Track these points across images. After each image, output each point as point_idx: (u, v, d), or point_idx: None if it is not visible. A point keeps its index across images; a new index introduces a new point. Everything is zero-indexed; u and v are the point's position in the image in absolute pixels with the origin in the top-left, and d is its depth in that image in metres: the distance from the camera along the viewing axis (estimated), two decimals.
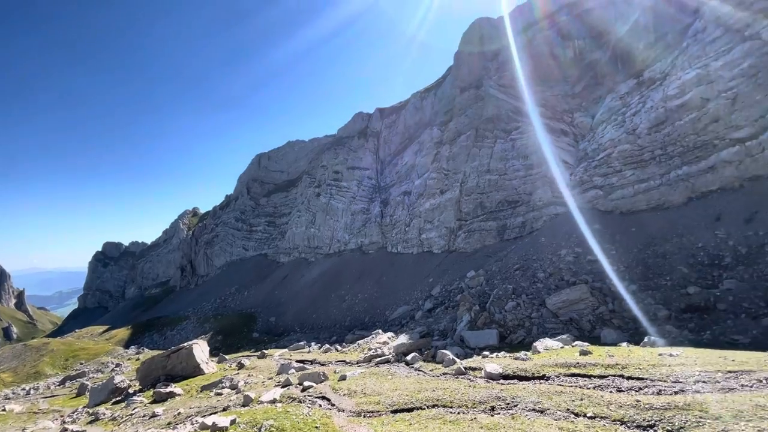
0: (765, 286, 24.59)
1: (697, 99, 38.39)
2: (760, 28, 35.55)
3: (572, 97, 54.35)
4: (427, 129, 70.49)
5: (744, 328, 21.19)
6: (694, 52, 40.20)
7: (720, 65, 37.43)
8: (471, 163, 56.62)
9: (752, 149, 33.71)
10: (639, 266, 32.16)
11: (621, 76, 48.65)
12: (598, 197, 43.53)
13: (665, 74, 42.58)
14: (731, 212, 32.26)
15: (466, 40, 70.99)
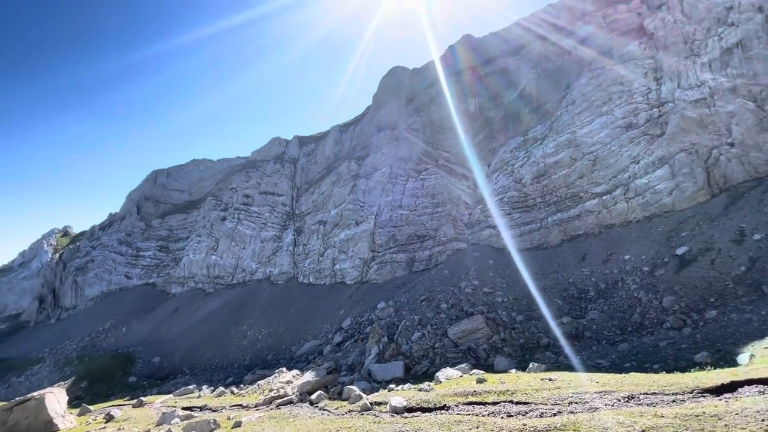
0: (619, 316, 29.76)
1: (567, 158, 46.51)
2: (614, 106, 45.27)
3: (473, 146, 61.19)
4: (345, 161, 71.88)
5: (605, 353, 25.10)
6: (566, 120, 49.11)
7: (584, 132, 46.25)
8: (385, 198, 58.94)
9: (607, 203, 41.66)
10: (525, 298, 36.30)
11: (511, 133, 56.70)
12: (492, 236, 48.66)
13: (545, 135, 50.93)
14: (594, 253, 38.87)
15: (385, 85, 75.98)
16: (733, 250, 29.13)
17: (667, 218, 36.78)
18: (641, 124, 42.24)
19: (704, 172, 36.37)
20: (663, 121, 40.60)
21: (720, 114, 37.39)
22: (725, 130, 36.79)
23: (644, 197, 39.00)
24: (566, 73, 53.53)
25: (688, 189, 36.46)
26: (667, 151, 38.69)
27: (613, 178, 42.22)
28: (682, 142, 38.11)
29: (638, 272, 33.03)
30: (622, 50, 47.55)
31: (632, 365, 21.60)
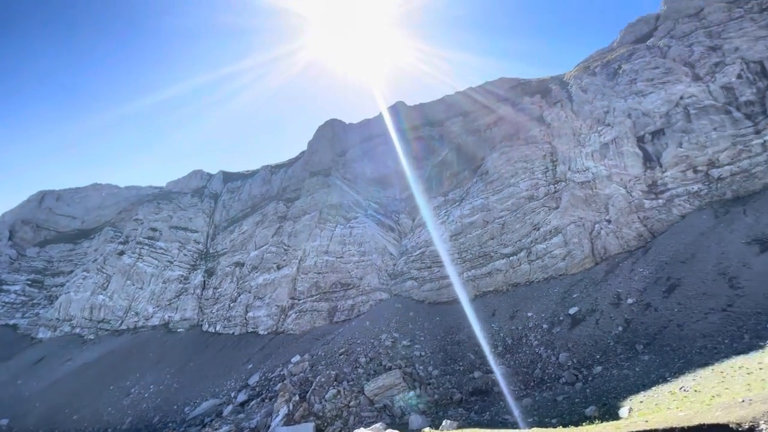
0: (523, 371, 31.82)
1: (481, 221, 51.19)
2: (519, 179, 51.79)
3: (400, 201, 64.39)
4: (273, 202, 69.85)
5: (511, 409, 26.30)
6: (480, 187, 54.72)
7: (495, 199, 51.76)
8: (312, 243, 57.79)
9: (513, 263, 46.04)
10: (441, 352, 37.12)
11: (434, 193, 61.19)
12: (413, 287, 50.01)
13: (462, 198, 55.86)
14: (502, 309, 41.89)
15: (320, 134, 78.05)
16: (613, 312, 33.81)
17: (562, 280, 41.71)
18: (541, 197, 48.86)
19: (589, 243, 42.68)
20: (558, 196, 47.51)
21: (600, 195, 45.10)
22: (604, 209, 44.23)
23: (543, 261, 44.04)
24: (482, 145, 60.72)
25: (578, 256, 42.22)
26: (561, 222, 44.90)
27: (518, 242, 47.24)
28: (572, 216, 44.69)
29: (539, 329, 36.23)
30: (527, 134, 55.88)
31: (534, 420, 22.91)
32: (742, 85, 44.31)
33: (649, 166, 44.77)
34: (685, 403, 18.50)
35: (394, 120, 73.06)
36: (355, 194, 65.30)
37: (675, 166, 42.96)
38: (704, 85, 46.49)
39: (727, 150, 40.99)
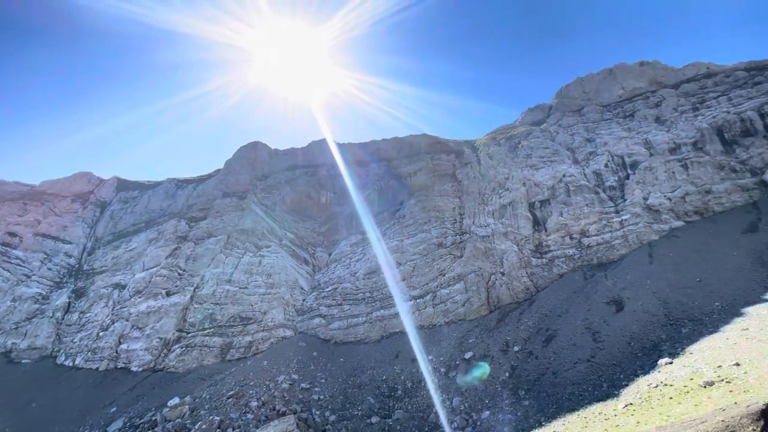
0: (419, 416, 32.22)
1: (394, 261, 52.90)
2: (431, 227, 55.31)
3: (318, 233, 63.57)
4: (174, 219, 63.08)
5: None
6: (396, 229, 57.08)
7: (409, 242, 54.27)
8: (213, 269, 52.93)
9: (420, 305, 47.89)
10: (341, 396, 35.89)
11: (353, 230, 61.91)
12: (321, 325, 48.45)
13: (379, 238, 57.48)
14: (406, 352, 42.63)
15: (242, 154, 74.64)
16: (501, 358, 36.81)
17: (461, 326, 44.46)
18: (449, 245, 52.71)
19: (486, 292, 46.73)
20: (462, 246, 51.78)
21: (497, 250, 50.35)
22: (499, 262, 49.29)
23: (446, 305, 46.71)
24: (402, 191, 64.22)
25: (475, 303, 45.75)
26: (463, 270, 48.65)
27: (426, 285, 49.65)
28: (473, 265, 48.83)
29: (437, 373, 37.55)
30: (441, 186, 60.87)
31: None
32: (608, 173, 55.04)
33: (537, 229, 51.81)
34: None
35: (324, 154, 73.65)
36: (272, 222, 62.70)
37: (556, 231, 50.42)
38: (581, 168, 56.63)
39: (594, 223, 49.68)
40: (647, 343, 30.02)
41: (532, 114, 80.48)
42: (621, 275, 41.78)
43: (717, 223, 45.06)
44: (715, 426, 15.04)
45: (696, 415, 17.04)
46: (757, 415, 14.72)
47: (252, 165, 72.90)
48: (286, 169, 72.66)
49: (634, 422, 19.88)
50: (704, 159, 51.46)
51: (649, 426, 18.47)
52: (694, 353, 25.49)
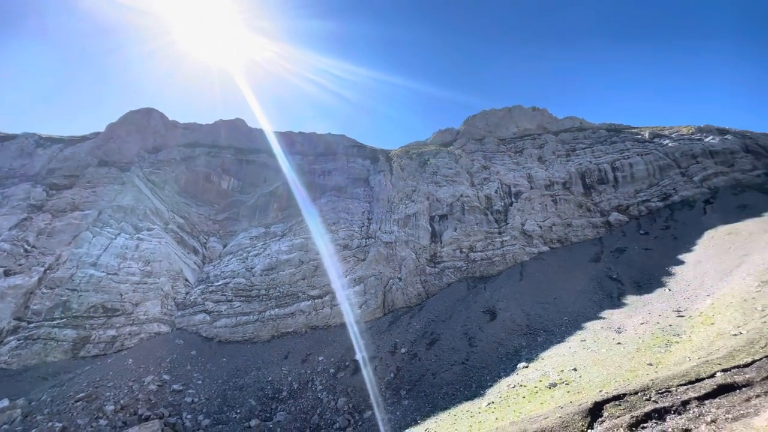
0: (303, 417, 31.65)
1: (297, 259, 51.52)
2: (339, 228, 55.25)
3: (214, 221, 58.39)
4: (27, 183, 51.27)
5: None
6: (304, 227, 55.76)
7: (315, 242, 53.43)
8: (75, 249, 44.39)
9: (317, 306, 47.37)
10: (218, 398, 33.30)
11: (256, 222, 58.53)
12: (204, 322, 44.39)
13: (284, 233, 55.40)
14: (296, 352, 41.63)
15: (130, 120, 64.73)
16: (389, 359, 38.52)
17: (356, 327, 45.29)
18: (354, 248, 53.48)
19: (382, 295, 48.56)
20: (366, 250, 53.07)
21: (397, 256, 52.84)
22: (398, 268, 51.77)
23: (344, 306, 47.15)
24: (315, 188, 63.13)
25: (372, 305, 47.17)
26: (364, 273, 49.83)
27: (326, 286, 49.44)
28: (374, 269, 50.37)
29: (326, 374, 37.52)
30: (353, 189, 61.61)
31: None
32: (497, 198, 62.36)
33: (434, 241, 55.95)
34: None
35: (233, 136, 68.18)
36: (158, 202, 55.47)
37: (450, 244, 55.15)
38: (476, 191, 63.11)
39: (481, 241, 55.71)
40: (511, 349, 34.63)
41: (442, 135, 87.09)
42: (497, 288, 47.56)
43: (572, 251, 54.57)
44: (554, 421, 18.05)
45: (541, 412, 20.21)
46: (585, 412, 18.13)
47: (142, 134, 63.70)
48: (184, 145, 65.28)
49: (493, 419, 22.71)
50: (569, 197, 62.03)
51: (504, 422, 21.30)
52: (545, 359, 30.29)
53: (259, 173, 65.90)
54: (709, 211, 53.04)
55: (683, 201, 58.55)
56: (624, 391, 19.35)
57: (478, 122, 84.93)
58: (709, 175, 61.60)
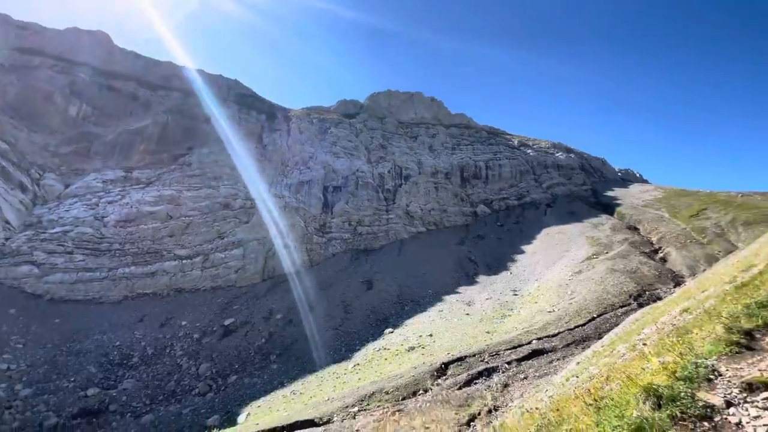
0: (156, 384, 29.03)
1: (165, 213, 45.52)
2: (221, 184, 50.45)
3: (53, 154, 47.08)
4: None
5: (126, 428, 23.03)
6: (177, 177, 49.21)
7: (190, 196, 47.87)
8: None
9: (186, 267, 43.08)
10: (45, 365, 28.09)
11: (113, 162, 49.24)
12: (30, 275, 36.24)
13: (151, 181, 48.06)
14: (154, 315, 37.46)
15: None
16: (262, 325, 37.87)
17: (228, 291, 42.93)
18: (236, 208, 49.83)
19: (263, 261, 46.89)
20: (251, 212, 50.08)
21: (285, 222, 51.36)
22: (285, 234, 50.47)
23: (217, 269, 44.04)
24: (193, 135, 55.84)
25: (250, 270, 45.20)
26: (246, 236, 47.16)
27: (199, 246, 45.23)
28: (258, 233, 48.06)
29: (188, 339, 34.94)
30: (243, 144, 56.69)
31: None
32: (389, 178, 65.35)
33: (325, 211, 56.07)
34: (291, 404, 22.99)
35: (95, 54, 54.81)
36: None
37: (340, 216, 56.06)
38: (371, 167, 64.95)
39: (369, 216, 58.09)
40: (381, 316, 37.72)
41: (345, 105, 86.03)
42: (377, 261, 50.70)
43: (444, 234, 61.31)
44: (407, 379, 20.59)
45: (398, 371, 22.82)
46: (434, 371, 21.09)
47: None
48: (18, 50, 49.98)
49: (357, 379, 24.70)
50: (449, 187, 68.92)
51: (366, 381, 23.40)
52: (408, 326, 33.95)
53: (124, 105, 55.02)
54: (548, 213, 65.59)
55: (532, 202, 70.94)
56: (465, 354, 23.24)
57: (382, 101, 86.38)
58: (553, 184, 75.68)
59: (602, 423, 3.21)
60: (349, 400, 19.22)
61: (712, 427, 2.81)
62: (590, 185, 77.32)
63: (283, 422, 17.99)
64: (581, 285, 32.99)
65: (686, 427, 2.81)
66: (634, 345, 9.03)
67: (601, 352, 13.81)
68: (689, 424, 2.82)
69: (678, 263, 35.66)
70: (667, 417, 2.87)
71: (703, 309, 7.75)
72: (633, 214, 54.29)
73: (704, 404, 3.00)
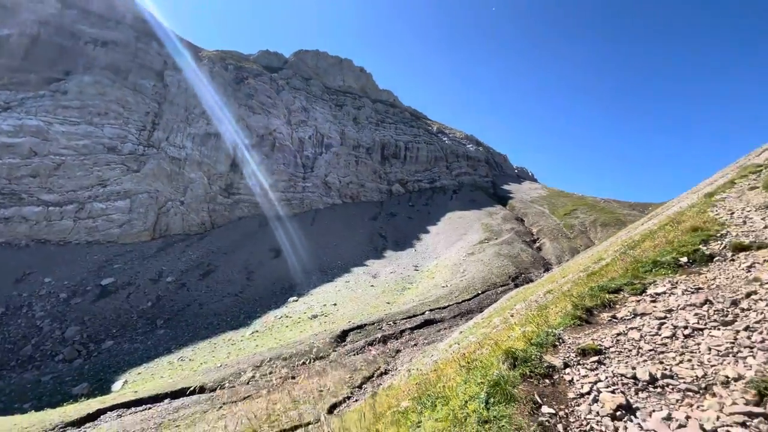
0: (7, 348, 24.59)
1: (28, 148, 37.31)
2: (107, 122, 42.85)
3: None
4: None
5: None
6: (48, 105, 40.38)
7: (63, 131, 39.85)
8: None
9: (53, 215, 36.32)
10: None
11: None
12: None
13: (9, 106, 38.66)
14: (7, 269, 31.16)
15: None
16: (149, 287, 34.33)
17: (108, 248, 37.67)
18: (125, 153, 43.19)
19: (155, 217, 41.98)
20: (144, 160, 43.96)
21: (184, 177, 46.34)
22: (183, 190, 45.65)
23: (95, 222, 38.14)
24: (75, 58, 46.05)
25: (137, 227, 40.13)
26: (135, 187, 41.45)
27: (72, 192, 38.43)
28: (150, 185, 42.58)
29: (53, 298, 30.07)
30: (139, 80, 48.72)
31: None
32: (309, 144, 63.09)
33: (234, 170, 52.05)
34: (178, 371, 21.66)
35: None
36: None
37: (251, 178, 52.66)
38: (291, 130, 61.82)
39: (284, 182, 55.75)
40: (287, 285, 37.25)
41: (268, 57, 79.27)
42: (287, 229, 49.37)
43: (359, 208, 62.22)
44: (307, 345, 20.97)
45: (299, 338, 23.06)
46: (334, 338, 21.80)
47: None
48: None
49: (254, 345, 24.28)
50: (369, 162, 69.54)
51: (264, 348, 23.16)
52: (314, 295, 34.22)
53: None
54: (454, 199, 70.94)
55: (441, 187, 75.80)
56: (365, 322, 24.49)
57: (309, 60, 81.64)
58: (461, 172, 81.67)
59: (469, 381, 3.81)
60: (244, 365, 18.91)
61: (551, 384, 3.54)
62: (491, 178, 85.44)
63: (168, 389, 16.94)
64: (472, 265, 36.88)
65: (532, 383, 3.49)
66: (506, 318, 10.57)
67: (481, 323, 15.86)
68: (534, 381, 3.51)
69: (549, 252, 42.09)
70: (519, 375, 3.53)
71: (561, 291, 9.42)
72: (521, 208, 61.88)
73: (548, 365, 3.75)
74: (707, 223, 7.39)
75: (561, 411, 3.05)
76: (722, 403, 2.76)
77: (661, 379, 3.21)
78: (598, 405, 3.01)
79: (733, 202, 9.02)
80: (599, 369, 3.60)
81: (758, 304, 4.08)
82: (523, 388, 3.36)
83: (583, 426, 2.84)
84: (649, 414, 2.82)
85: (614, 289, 5.52)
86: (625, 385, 3.23)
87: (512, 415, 2.89)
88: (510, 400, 3.10)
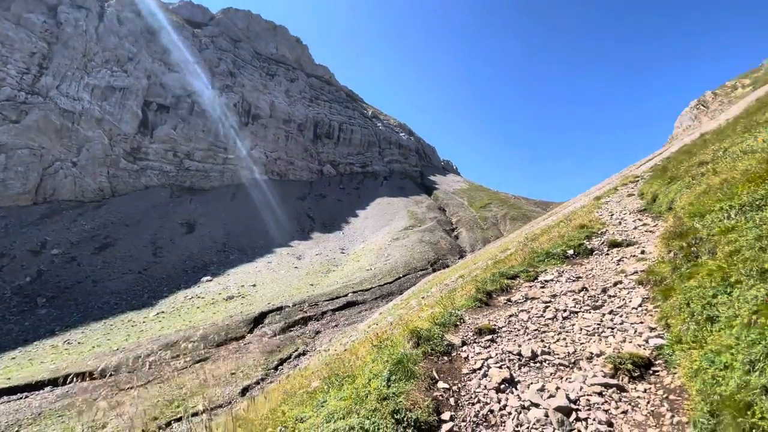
0: None
1: None
2: None
3: None
4: None
5: None
6: None
7: None
8: None
9: None
10: None
11: None
12: None
13: None
14: None
15: None
16: (28, 259, 29.33)
17: None
18: (0, 99, 35.67)
19: (38, 178, 35.68)
20: (26, 109, 36.80)
21: (79, 134, 39.90)
22: (76, 150, 39.34)
23: None
24: None
25: (15, 188, 33.76)
26: (13, 141, 34.62)
27: None
28: (32, 140, 35.89)
29: None
30: (24, 13, 40.16)
31: None
32: (233, 112, 58.42)
33: (143, 132, 46.22)
34: (64, 355, 19.06)
35: None
36: None
37: (163, 143, 47.28)
38: (213, 94, 56.56)
39: (202, 151, 51.11)
40: (200, 263, 34.66)
41: (191, 9, 70.81)
42: (204, 203, 45.69)
43: (287, 186, 59.92)
44: (219, 327, 19.94)
45: (212, 321, 21.78)
46: (251, 320, 21.01)
47: None
48: None
49: (159, 327, 22.31)
50: (300, 139, 66.99)
51: (170, 330, 21.42)
52: (231, 275, 32.41)
53: None
54: (384, 185, 72.06)
55: (373, 172, 76.39)
56: (286, 304, 23.97)
57: (239, 21, 74.77)
58: (392, 160, 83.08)
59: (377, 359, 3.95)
60: (145, 349, 17.36)
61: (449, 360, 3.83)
62: (420, 168, 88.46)
63: (49, 375, 14.86)
64: (396, 250, 38.16)
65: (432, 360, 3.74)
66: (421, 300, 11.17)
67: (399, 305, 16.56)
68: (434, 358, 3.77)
69: (465, 241, 45.30)
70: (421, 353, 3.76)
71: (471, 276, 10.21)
72: (444, 198, 65.33)
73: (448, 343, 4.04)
74: (592, 222, 8.55)
75: (454, 386, 3.32)
76: (585, 375, 3.25)
77: (540, 355, 3.66)
78: (487, 379, 3.34)
79: (614, 205, 10.56)
80: (491, 346, 3.98)
81: (622, 291, 4.84)
82: (423, 365, 3.58)
83: (471, 399, 3.14)
84: (527, 386, 3.22)
85: (512, 275, 6.12)
86: (511, 360, 3.63)
87: (410, 392, 3.06)
88: (410, 377, 3.28)
